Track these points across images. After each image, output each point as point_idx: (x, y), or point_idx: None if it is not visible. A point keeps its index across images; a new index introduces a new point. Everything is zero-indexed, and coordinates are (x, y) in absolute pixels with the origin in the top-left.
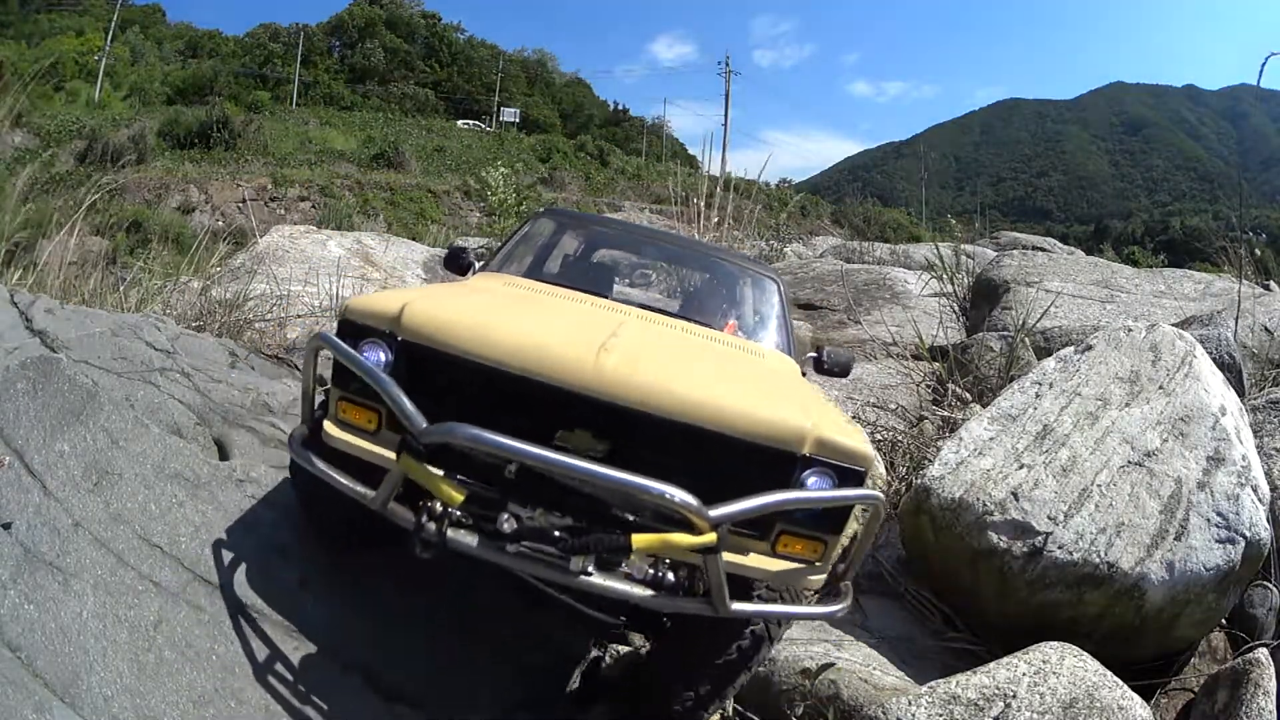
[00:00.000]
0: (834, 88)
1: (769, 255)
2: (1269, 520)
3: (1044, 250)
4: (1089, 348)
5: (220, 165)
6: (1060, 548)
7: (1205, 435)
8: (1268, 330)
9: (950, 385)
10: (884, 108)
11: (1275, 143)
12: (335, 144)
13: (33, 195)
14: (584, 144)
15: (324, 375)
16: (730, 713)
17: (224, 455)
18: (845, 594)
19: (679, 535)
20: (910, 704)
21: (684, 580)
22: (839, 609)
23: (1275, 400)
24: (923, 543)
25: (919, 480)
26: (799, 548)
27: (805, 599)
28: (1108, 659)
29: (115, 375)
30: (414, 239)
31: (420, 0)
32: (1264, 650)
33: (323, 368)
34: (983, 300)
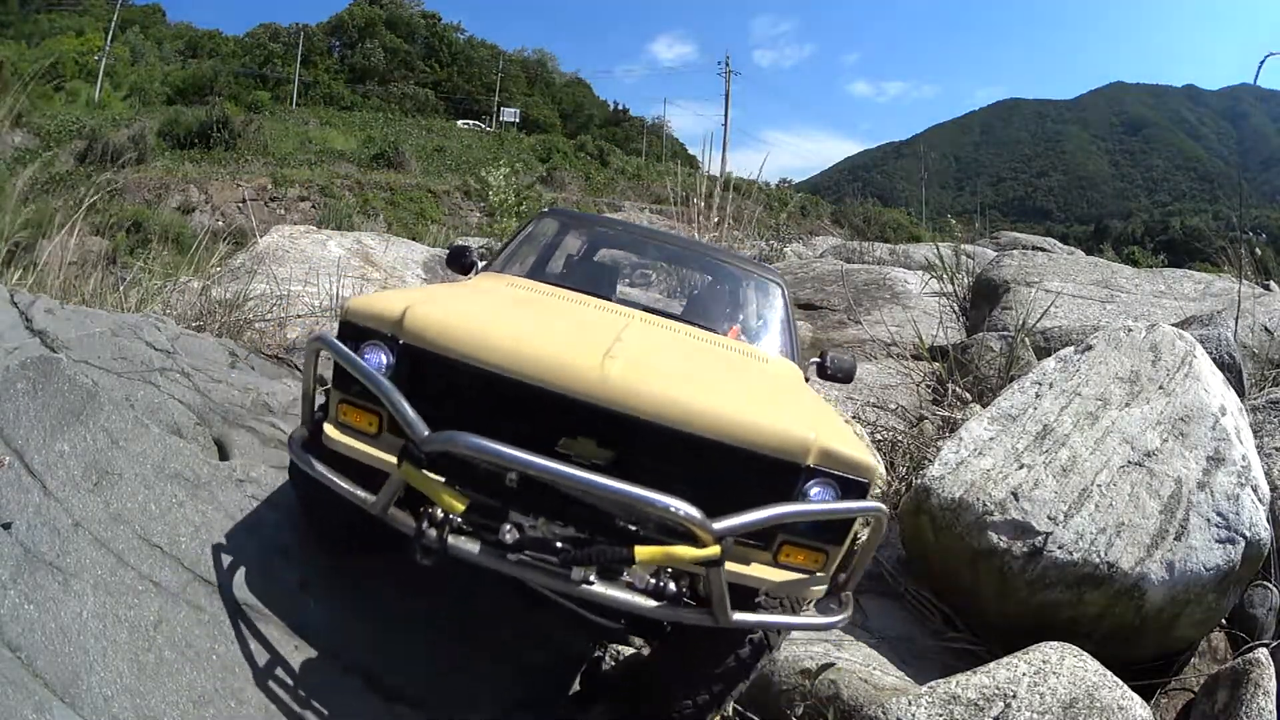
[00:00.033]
0: (834, 88)
1: (769, 255)
2: (1269, 520)
3: (1044, 250)
4: (1089, 348)
5: (220, 165)
6: (1060, 548)
7: (1205, 435)
8: (1268, 330)
9: (950, 385)
10: (884, 108)
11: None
12: (335, 144)
13: (33, 195)
14: (584, 144)
15: (324, 375)
16: (730, 713)
17: (224, 455)
18: (846, 604)
19: (682, 548)
20: (910, 704)
21: (685, 590)
22: (840, 619)
23: (1275, 400)
24: (923, 543)
25: (919, 480)
26: (801, 558)
27: (806, 608)
28: (1108, 659)
29: (115, 375)
30: (414, 239)
31: (420, 0)
32: (1264, 650)
33: (323, 368)
34: (983, 300)
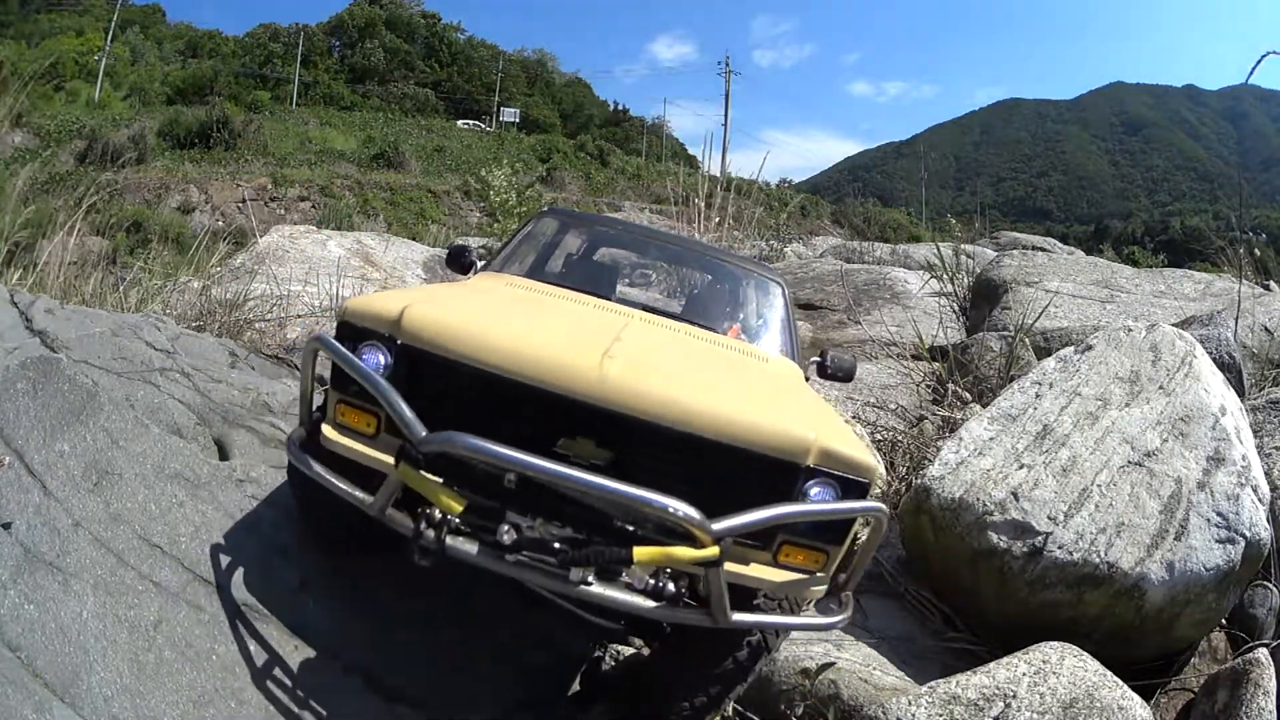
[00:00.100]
0: (834, 88)
1: (769, 255)
2: (1269, 520)
3: (1044, 250)
4: (1089, 348)
5: (220, 165)
6: (1060, 548)
7: (1205, 435)
8: (1268, 330)
9: (950, 385)
10: (884, 108)
11: (1275, 143)
12: (335, 144)
13: (33, 195)
14: (584, 144)
15: (323, 375)
16: (730, 713)
17: (224, 455)
18: (846, 604)
19: (681, 549)
20: (910, 704)
21: (684, 590)
22: (840, 620)
23: (1275, 400)
24: (923, 543)
25: (919, 480)
26: (801, 558)
27: (806, 608)
28: (1108, 659)
29: (115, 375)
30: (414, 239)
31: (420, 0)
32: (1264, 650)
33: (322, 368)
34: (983, 300)
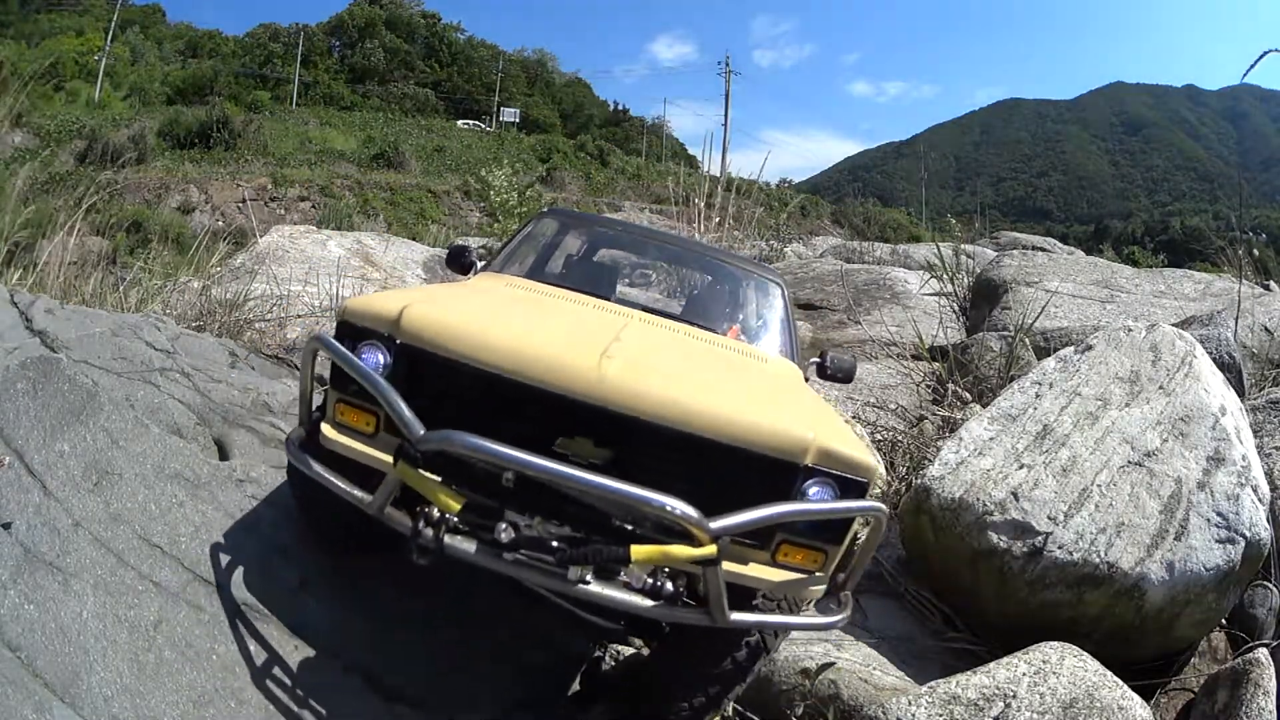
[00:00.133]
0: (834, 88)
1: (769, 255)
2: (1269, 520)
3: (1044, 250)
4: (1089, 348)
5: (220, 165)
6: (1060, 548)
7: (1205, 435)
8: (1268, 330)
9: (950, 385)
10: (884, 108)
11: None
12: (335, 144)
13: (33, 195)
14: (584, 144)
15: (322, 375)
16: (730, 713)
17: (224, 455)
18: (846, 604)
19: (679, 547)
20: (910, 704)
21: (683, 590)
22: (839, 619)
23: (1275, 400)
24: (923, 543)
25: (919, 480)
26: (799, 557)
27: (805, 608)
28: (1108, 659)
29: (115, 375)
30: (414, 239)
31: (420, 0)
32: (1264, 650)
33: (322, 368)
34: (983, 300)
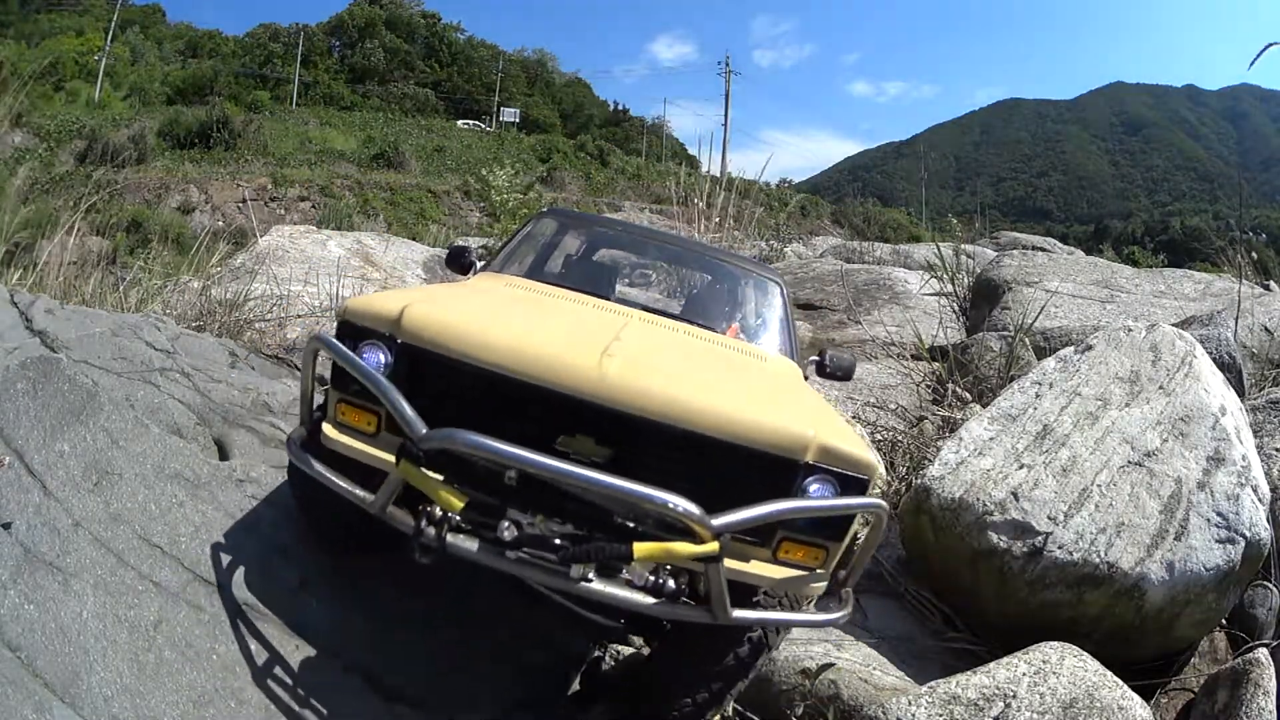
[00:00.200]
0: (834, 88)
1: (769, 255)
2: (1269, 520)
3: (1044, 250)
4: (1089, 348)
5: (220, 165)
6: (1060, 548)
7: (1205, 435)
8: (1268, 330)
9: (950, 385)
10: (884, 108)
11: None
12: (335, 144)
13: (33, 195)
14: (584, 144)
15: (323, 375)
16: (730, 713)
17: (224, 455)
18: (846, 600)
19: (681, 544)
20: (910, 704)
21: (684, 587)
22: (840, 616)
23: (1275, 400)
24: (923, 543)
25: (919, 480)
26: (800, 555)
27: (806, 605)
28: (1108, 659)
29: (115, 375)
30: (414, 239)
31: (420, 0)
32: (1264, 650)
33: (322, 368)
34: (983, 300)
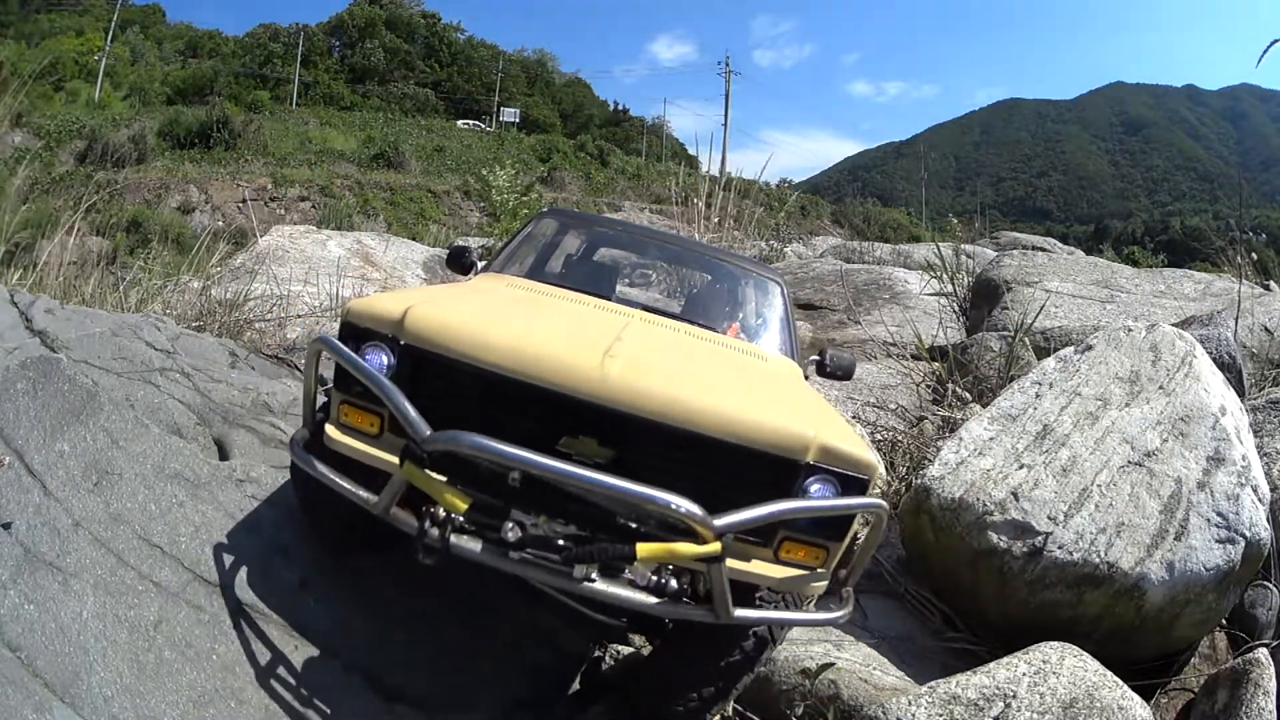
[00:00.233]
0: (834, 88)
1: (769, 255)
2: (1269, 520)
3: (1044, 250)
4: (1089, 348)
5: (220, 165)
6: (1060, 548)
7: (1205, 435)
8: (1268, 330)
9: (950, 385)
10: (884, 108)
11: (1275, 143)
12: (335, 144)
13: (33, 195)
14: (584, 144)
15: (325, 376)
16: (730, 712)
17: (224, 455)
18: (847, 600)
19: (684, 545)
20: (910, 704)
21: (686, 587)
22: (841, 615)
23: (1275, 400)
24: (923, 543)
25: (919, 480)
26: (801, 554)
27: (807, 604)
28: (1108, 659)
29: (115, 375)
30: (414, 239)
31: (420, 0)
32: (1264, 650)
33: (324, 369)
34: (983, 300)
